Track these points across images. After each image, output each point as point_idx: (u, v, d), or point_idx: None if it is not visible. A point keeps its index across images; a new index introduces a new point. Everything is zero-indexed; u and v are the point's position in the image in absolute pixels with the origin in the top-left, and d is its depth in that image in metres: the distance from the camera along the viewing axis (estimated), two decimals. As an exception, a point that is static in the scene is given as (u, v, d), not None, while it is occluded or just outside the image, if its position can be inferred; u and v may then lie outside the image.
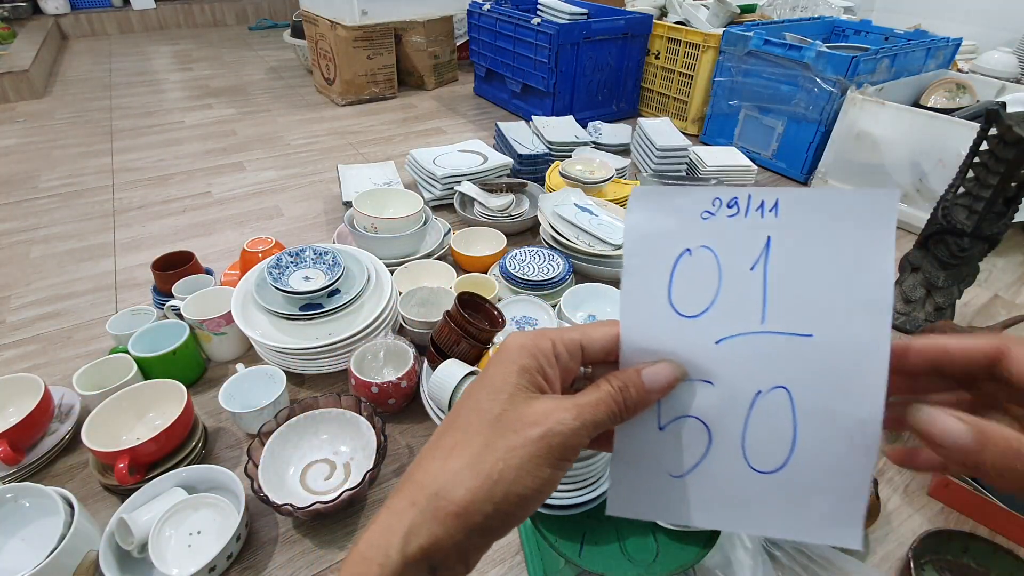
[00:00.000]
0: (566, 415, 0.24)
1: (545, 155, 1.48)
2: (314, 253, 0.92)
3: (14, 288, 1.11)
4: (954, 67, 1.74)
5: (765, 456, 0.25)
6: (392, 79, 2.23)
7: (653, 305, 0.25)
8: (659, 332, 0.26)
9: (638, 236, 0.25)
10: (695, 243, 0.25)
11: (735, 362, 0.25)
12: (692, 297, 0.25)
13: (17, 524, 0.64)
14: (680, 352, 0.25)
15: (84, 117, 2.01)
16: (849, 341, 0.23)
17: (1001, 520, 0.70)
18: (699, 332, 0.25)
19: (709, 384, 0.25)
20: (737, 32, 1.63)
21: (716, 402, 0.25)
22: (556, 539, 0.50)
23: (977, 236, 0.90)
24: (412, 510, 0.23)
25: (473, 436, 0.24)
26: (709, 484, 0.26)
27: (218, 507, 0.67)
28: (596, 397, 0.25)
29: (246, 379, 0.83)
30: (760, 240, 0.24)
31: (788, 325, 0.24)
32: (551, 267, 1.07)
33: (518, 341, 0.26)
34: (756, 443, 0.25)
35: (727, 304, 0.25)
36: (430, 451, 0.25)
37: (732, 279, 0.25)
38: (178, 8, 3.51)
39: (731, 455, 0.25)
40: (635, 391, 0.25)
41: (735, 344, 0.25)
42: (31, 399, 0.74)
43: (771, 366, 0.24)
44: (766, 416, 0.25)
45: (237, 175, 1.60)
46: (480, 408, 0.25)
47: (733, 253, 0.25)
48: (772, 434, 0.25)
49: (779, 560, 0.62)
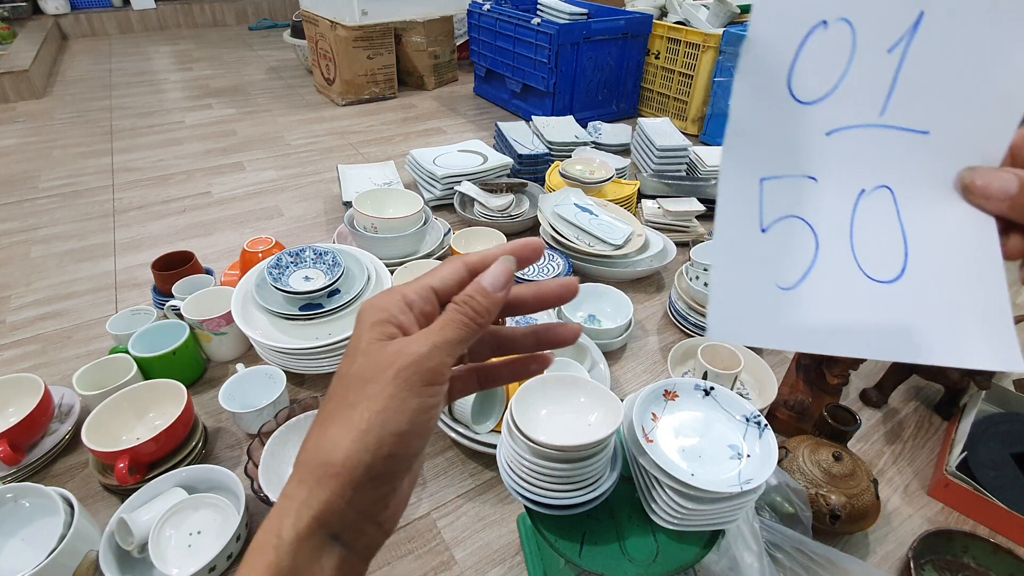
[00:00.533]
0: (415, 345, 0.24)
1: (545, 155, 1.48)
2: (314, 253, 0.92)
3: (14, 288, 1.11)
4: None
5: (879, 262, 0.23)
6: (392, 79, 2.23)
7: (770, 86, 0.23)
8: (770, 118, 0.23)
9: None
10: (833, 13, 0.22)
11: (842, 157, 0.23)
12: (814, 79, 0.22)
13: (17, 524, 0.64)
14: (788, 142, 0.23)
15: (84, 117, 2.01)
16: (966, 142, 0.22)
17: (1001, 520, 0.70)
18: (812, 121, 0.23)
19: (813, 180, 0.24)
20: (737, 32, 1.63)
21: (819, 200, 0.24)
22: (556, 539, 0.50)
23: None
24: (301, 488, 0.23)
25: (342, 402, 0.24)
26: (824, 296, 0.24)
27: (218, 507, 0.67)
28: (443, 319, 0.25)
29: (246, 379, 0.83)
30: (911, 14, 0.21)
31: (906, 120, 0.22)
32: (551, 267, 1.07)
33: (368, 304, 0.26)
34: (866, 247, 0.23)
35: (849, 90, 0.22)
36: (310, 431, 0.25)
37: (863, 61, 0.22)
38: (178, 8, 3.51)
39: (842, 260, 0.24)
40: (479, 296, 0.26)
41: (846, 136, 0.23)
42: (31, 399, 0.74)
43: (879, 163, 0.23)
44: (872, 217, 0.23)
45: (237, 175, 1.60)
46: (342, 375, 0.25)
47: (875, 28, 0.22)
48: (881, 237, 0.23)
49: (780, 561, 0.62)
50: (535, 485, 0.49)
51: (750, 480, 0.46)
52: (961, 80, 0.21)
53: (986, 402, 0.83)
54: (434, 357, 0.24)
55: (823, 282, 0.24)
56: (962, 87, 0.21)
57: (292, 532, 0.23)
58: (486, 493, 0.74)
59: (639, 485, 0.51)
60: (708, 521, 0.48)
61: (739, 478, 0.47)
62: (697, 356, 0.84)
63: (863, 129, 0.23)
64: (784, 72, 0.22)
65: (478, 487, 0.75)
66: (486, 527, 0.70)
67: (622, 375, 0.94)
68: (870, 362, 0.94)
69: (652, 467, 0.47)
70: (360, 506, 0.24)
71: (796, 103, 0.23)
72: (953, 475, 0.72)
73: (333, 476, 0.23)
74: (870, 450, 0.81)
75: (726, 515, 0.48)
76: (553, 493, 0.49)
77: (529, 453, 0.48)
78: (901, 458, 0.80)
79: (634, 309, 0.99)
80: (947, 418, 0.86)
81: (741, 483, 0.46)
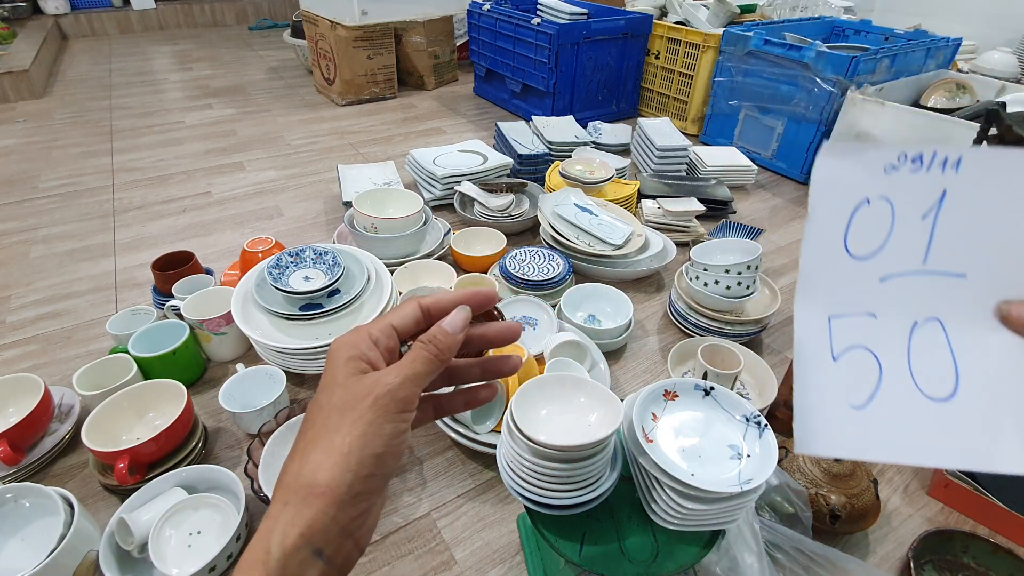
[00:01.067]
0: (388, 377, 0.28)
1: (545, 155, 1.48)
2: (314, 253, 0.92)
3: (14, 288, 1.11)
4: (954, 67, 1.74)
5: (935, 383, 0.28)
6: (392, 79, 2.23)
7: (830, 247, 0.29)
8: (832, 271, 0.29)
9: (824, 186, 0.28)
10: (875, 194, 0.28)
11: (896, 297, 0.28)
12: (865, 241, 0.28)
13: (17, 524, 0.64)
14: (849, 288, 0.29)
15: (84, 117, 2.01)
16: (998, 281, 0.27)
17: (1001, 520, 0.70)
18: (867, 271, 0.29)
19: (872, 317, 0.29)
20: (737, 32, 1.63)
21: (880, 332, 0.29)
22: (556, 539, 0.50)
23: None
24: (286, 509, 0.26)
25: (323, 429, 0.27)
26: (890, 413, 0.28)
27: (218, 507, 0.67)
28: (410, 355, 0.30)
29: (246, 379, 0.83)
30: (936, 192, 0.27)
31: (946, 266, 0.28)
32: (551, 267, 1.07)
33: (338, 342, 0.30)
34: (923, 370, 0.28)
35: (895, 248, 0.28)
36: (291, 457, 0.28)
37: (903, 226, 0.28)
38: (178, 8, 3.51)
39: (903, 381, 0.28)
40: (441, 336, 0.30)
41: (897, 281, 0.28)
42: (31, 399, 0.74)
43: (927, 300, 0.28)
44: (925, 345, 0.28)
45: (237, 175, 1.60)
46: (321, 406, 0.28)
47: (908, 204, 0.28)
48: (935, 360, 0.28)
49: (780, 562, 0.62)
50: (535, 485, 0.49)
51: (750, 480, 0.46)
52: (985, 235, 0.27)
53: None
54: (405, 387, 0.28)
55: (888, 401, 0.28)
56: (987, 240, 0.27)
57: (279, 549, 0.25)
58: (486, 493, 0.74)
59: (639, 485, 0.51)
60: (708, 521, 0.48)
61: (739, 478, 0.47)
62: (697, 356, 0.84)
63: (910, 275, 0.28)
64: (840, 236, 0.29)
65: (478, 487, 0.75)
66: (486, 527, 0.70)
67: (622, 375, 0.94)
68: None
69: (652, 467, 0.47)
70: (342, 522, 0.26)
71: (853, 258, 0.29)
72: (953, 475, 0.72)
73: (318, 496, 0.25)
74: (870, 450, 0.81)
75: (726, 515, 0.48)
76: (553, 493, 0.49)
77: (529, 453, 0.48)
78: (901, 458, 0.80)
79: (634, 309, 0.99)
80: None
81: (741, 483, 0.46)
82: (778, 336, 1.03)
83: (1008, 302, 0.27)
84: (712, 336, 0.95)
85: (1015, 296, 0.27)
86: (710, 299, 0.95)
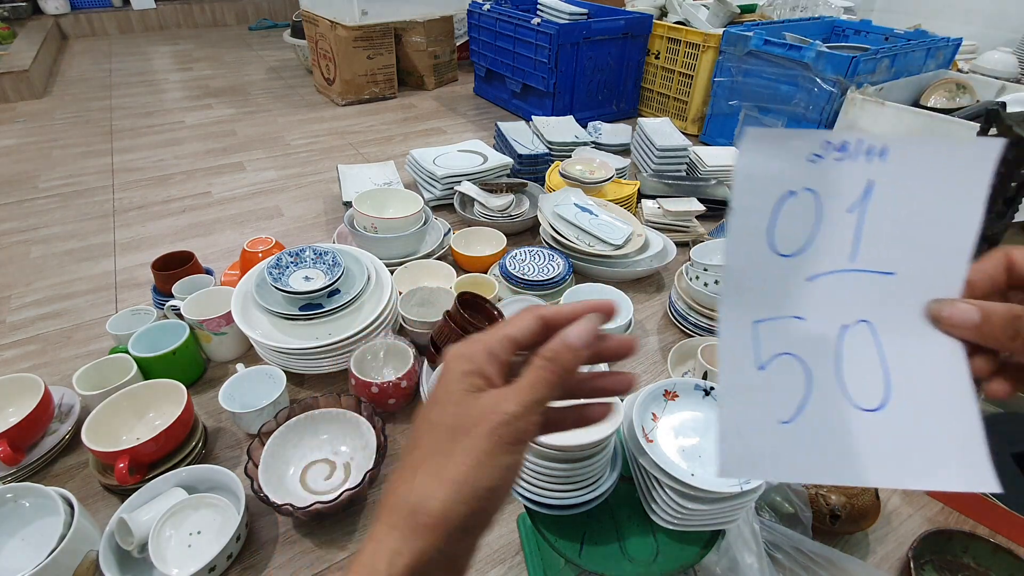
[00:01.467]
0: (508, 404, 0.25)
1: (545, 155, 1.48)
2: (314, 253, 0.92)
3: (14, 288, 1.11)
4: (954, 67, 1.74)
5: (865, 392, 0.26)
6: (392, 79, 2.23)
7: (754, 245, 0.26)
8: (757, 270, 0.27)
9: (747, 177, 0.26)
10: (800, 185, 0.26)
11: (824, 298, 0.26)
12: (790, 237, 0.26)
13: (17, 524, 0.64)
14: (775, 289, 0.27)
15: (84, 117, 2.01)
16: (927, 280, 0.25)
17: (1001, 520, 0.70)
18: (794, 270, 0.26)
19: (801, 320, 0.27)
20: (737, 32, 1.63)
21: (808, 337, 0.27)
22: (556, 539, 0.50)
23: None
24: (392, 534, 0.24)
25: (433, 450, 0.25)
26: (819, 428, 0.26)
27: (218, 507, 0.67)
28: (531, 376, 0.26)
29: (246, 379, 0.83)
30: (861, 184, 0.25)
31: (874, 264, 0.26)
32: (551, 267, 1.07)
33: (454, 353, 0.27)
34: (853, 377, 0.26)
35: (821, 244, 0.26)
36: (398, 475, 0.26)
37: (829, 221, 0.26)
38: (178, 8, 3.51)
39: (832, 392, 0.26)
40: (564, 352, 0.27)
41: (825, 281, 0.26)
42: (31, 399, 0.74)
43: (856, 301, 0.26)
44: (855, 350, 0.26)
45: (237, 175, 1.60)
46: (433, 423, 0.26)
47: (834, 196, 0.26)
48: (865, 369, 0.26)
49: (780, 562, 0.62)
50: (535, 485, 0.49)
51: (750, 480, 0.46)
52: (914, 230, 0.25)
53: (986, 402, 0.83)
54: (526, 417, 0.25)
55: (818, 414, 0.26)
56: (916, 236, 0.25)
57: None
58: (486, 493, 0.74)
59: (639, 485, 0.51)
60: (708, 521, 0.48)
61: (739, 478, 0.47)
62: (697, 356, 0.84)
63: (838, 274, 0.26)
64: (764, 232, 0.26)
65: (478, 487, 0.75)
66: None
67: (622, 375, 0.94)
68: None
69: (652, 467, 0.47)
70: (450, 556, 0.24)
71: (779, 256, 0.26)
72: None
73: (428, 527, 0.24)
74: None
75: (726, 515, 0.48)
76: (553, 493, 0.49)
77: (529, 453, 0.48)
78: (901, 458, 0.80)
79: (634, 309, 0.99)
80: (947, 418, 0.86)
81: (741, 483, 0.46)
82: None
83: (938, 301, 0.25)
84: (712, 336, 0.95)
85: (946, 294, 0.25)
86: (710, 299, 0.95)
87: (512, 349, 0.28)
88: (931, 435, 0.25)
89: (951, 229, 0.25)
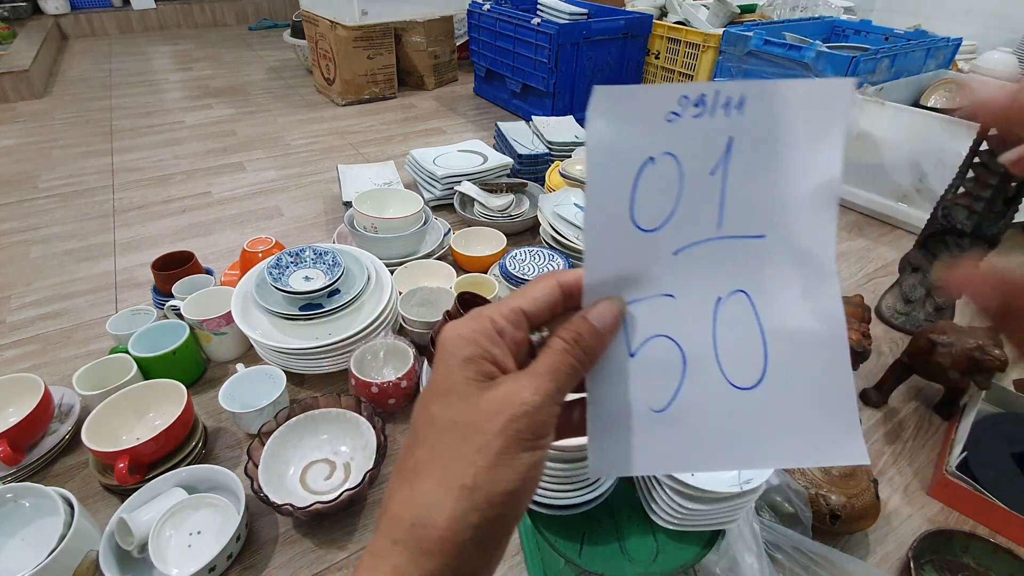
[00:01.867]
0: (526, 393, 0.22)
1: (545, 155, 1.48)
2: (314, 253, 0.92)
3: (14, 288, 1.11)
4: (954, 67, 1.74)
5: (742, 368, 0.24)
6: (392, 79, 2.23)
7: (615, 222, 0.24)
8: (621, 250, 0.24)
9: (600, 147, 0.23)
10: (658, 150, 0.23)
11: (693, 271, 0.24)
12: (653, 209, 0.24)
13: (17, 524, 0.64)
14: (641, 268, 0.24)
15: (84, 117, 2.01)
16: (798, 238, 0.23)
17: (1001, 520, 0.70)
18: (659, 245, 0.24)
19: (671, 298, 0.24)
20: (737, 32, 1.63)
21: (681, 315, 0.24)
22: (556, 539, 0.50)
23: (977, 236, 0.90)
24: (395, 549, 0.21)
25: (436, 450, 0.22)
26: (695, 414, 0.24)
27: (218, 507, 0.67)
28: (552, 360, 0.23)
29: (246, 379, 0.83)
30: (722, 142, 0.23)
31: (742, 228, 0.24)
32: (551, 267, 1.07)
33: (453, 333, 0.23)
34: (729, 354, 0.24)
35: (685, 213, 0.24)
36: (398, 479, 0.23)
37: (692, 186, 0.24)
38: (178, 8, 3.51)
39: (709, 373, 0.24)
40: (589, 336, 0.23)
41: (692, 253, 0.24)
42: (31, 399, 0.74)
43: (728, 271, 0.24)
44: (732, 324, 0.24)
45: (237, 175, 1.60)
46: (434, 418, 0.22)
47: (695, 158, 0.23)
48: (743, 343, 0.24)
49: (780, 562, 0.62)
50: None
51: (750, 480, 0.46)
52: (778, 187, 0.23)
53: (986, 402, 0.83)
54: (547, 408, 0.22)
55: (693, 398, 0.24)
56: (780, 192, 0.23)
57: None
58: (486, 493, 0.74)
59: (639, 485, 0.51)
60: (708, 521, 0.48)
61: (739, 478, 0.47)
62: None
63: (706, 243, 0.24)
64: (625, 207, 0.24)
65: (478, 487, 0.75)
66: (486, 527, 0.70)
67: (622, 375, 0.94)
68: (870, 362, 0.94)
69: (652, 467, 0.47)
70: (466, 571, 0.21)
71: (641, 232, 0.24)
72: (953, 475, 0.72)
73: (436, 541, 0.20)
74: (870, 450, 0.81)
75: (726, 515, 0.48)
76: (553, 493, 0.49)
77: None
78: (901, 458, 0.80)
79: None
80: (947, 418, 0.86)
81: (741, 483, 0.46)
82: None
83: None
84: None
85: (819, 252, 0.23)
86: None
87: (522, 322, 0.24)
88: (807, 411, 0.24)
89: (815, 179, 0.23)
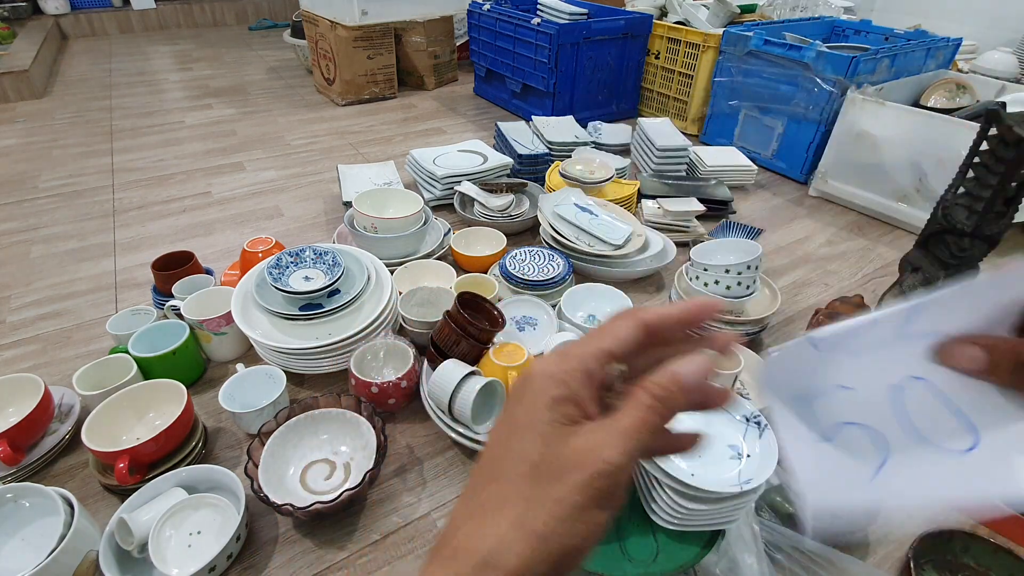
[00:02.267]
0: (609, 451, 0.21)
1: (545, 155, 1.48)
2: (314, 253, 0.92)
3: (14, 288, 1.11)
4: (954, 67, 1.74)
5: (950, 436, 0.25)
6: (392, 79, 2.23)
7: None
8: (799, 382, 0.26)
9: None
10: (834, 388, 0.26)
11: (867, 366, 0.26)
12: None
13: (17, 524, 0.64)
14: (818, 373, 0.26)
15: (84, 117, 2.01)
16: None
17: (1001, 520, 0.69)
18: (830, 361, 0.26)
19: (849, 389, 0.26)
20: (737, 32, 1.63)
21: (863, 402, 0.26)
22: (556, 539, 0.50)
23: (977, 236, 0.90)
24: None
25: (512, 489, 0.22)
26: (905, 473, 0.26)
27: (218, 507, 0.67)
28: (635, 418, 0.22)
29: (246, 379, 0.83)
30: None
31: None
32: (551, 267, 1.07)
33: (543, 370, 0.23)
34: (930, 426, 0.25)
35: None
36: (466, 510, 0.23)
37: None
38: (178, 8, 3.51)
39: (912, 444, 0.26)
40: (677, 391, 0.23)
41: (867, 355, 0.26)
42: (31, 399, 0.74)
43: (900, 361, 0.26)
44: (919, 403, 0.26)
45: (237, 175, 1.60)
46: (514, 455, 0.22)
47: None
48: (937, 416, 0.25)
49: (780, 562, 0.62)
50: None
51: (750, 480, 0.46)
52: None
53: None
54: (628, 469, 0.22)
55: (903, 464, 0.26)
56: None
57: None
58: (486, 493, 0.74)
59: (639, 485, 0.51)
60: (708, 521, 0.48)
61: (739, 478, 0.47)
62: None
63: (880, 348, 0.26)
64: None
65: (478, 487, 0.75)
66: (486, 527, 0.70)
67: (622, 375, 0.94)
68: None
69: (652, 467, 0.47)
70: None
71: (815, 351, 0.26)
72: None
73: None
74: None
75: (726, 515, 0.48)
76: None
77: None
78: (901, 458, 0.80)
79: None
80: (947, 418, 0.86)
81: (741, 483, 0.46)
82: (778, 336, 1.03)
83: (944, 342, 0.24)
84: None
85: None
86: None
87: (608, 365, 0.24)
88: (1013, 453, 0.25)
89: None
